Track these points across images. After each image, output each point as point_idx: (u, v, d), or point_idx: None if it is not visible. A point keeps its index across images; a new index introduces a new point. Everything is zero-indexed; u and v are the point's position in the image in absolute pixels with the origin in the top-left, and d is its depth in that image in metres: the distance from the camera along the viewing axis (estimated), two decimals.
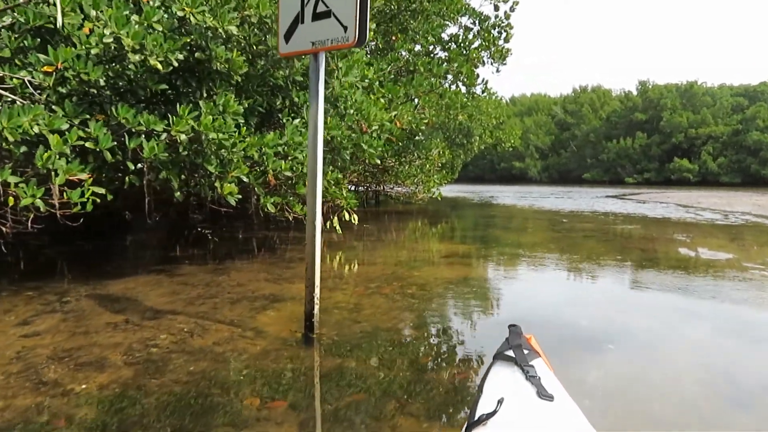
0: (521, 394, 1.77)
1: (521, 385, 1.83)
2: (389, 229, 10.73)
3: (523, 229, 11.03)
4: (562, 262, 6.54)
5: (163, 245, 7.58)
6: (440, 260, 6.48)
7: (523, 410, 1.68)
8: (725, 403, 2.53)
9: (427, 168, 13.34)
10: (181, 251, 6.96)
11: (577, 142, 71.19)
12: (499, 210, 16.95)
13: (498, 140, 20.21)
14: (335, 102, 6.27)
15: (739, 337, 3.54)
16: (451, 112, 9.10)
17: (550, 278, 5.59)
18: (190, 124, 4.49)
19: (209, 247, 7.25)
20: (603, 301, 4.55)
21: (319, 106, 3.22)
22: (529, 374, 1.88)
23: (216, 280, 5.08)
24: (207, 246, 7.37)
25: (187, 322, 3.66)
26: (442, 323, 3.75)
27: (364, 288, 4.85)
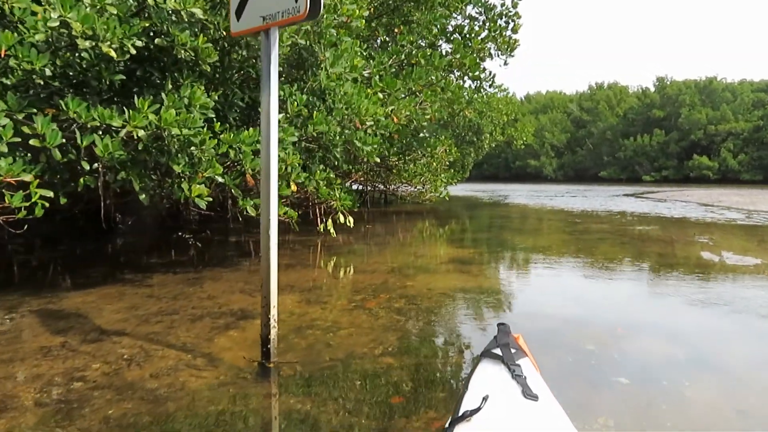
0: (506, 392, 1.77)
1: (507, 383, 1.83)
2: (393, 230, 10.21)
3: (533, 231, 10.44)
4: (572, 271, 5.97)
5: (146, 250, 7.13)
6: (438, 267, 5.94)
7: (508, 409, 1.68)
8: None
9: (433, 167, 12.80)
10: (162, 257, 6.50)
11: (593, 140, 69.96)
12: (510, 210, 16.33)
13: (510, 137, 19.60)
14: (322, 95, 5.76)
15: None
16: (455, 107, 8.56)
17: (557, 291, 5.03)
18: (150, 119, 4.01)
19: (191, 253, 6.77)
20: (616, 320, 3.99)
21: (272, 94, 2.70)
22: (515, 373, 1.88)
23: (185, 292, 4.60)
24: (190, 251, 6.90)
25: (132, 346, 3.17)
26: (426, 350, 3.22)
27: (347, 301, 4.33)
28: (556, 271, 5.93)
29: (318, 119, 5.47)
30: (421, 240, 8.78)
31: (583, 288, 5.05)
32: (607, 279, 5.43)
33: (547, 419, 1.67)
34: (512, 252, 7.39)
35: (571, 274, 5.74)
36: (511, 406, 1.70)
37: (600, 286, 5.11)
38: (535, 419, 1.66)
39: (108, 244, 7.48)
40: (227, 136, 4.71)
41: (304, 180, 6.02)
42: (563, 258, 6.78)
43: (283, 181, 5.51)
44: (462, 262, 6.22)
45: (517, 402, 1.72)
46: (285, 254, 6.79)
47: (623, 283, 5.22)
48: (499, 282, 5.17)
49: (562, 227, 10.96)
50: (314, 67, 5.75)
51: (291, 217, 5.87)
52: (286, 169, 5.40)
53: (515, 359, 2.00)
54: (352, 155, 8.99)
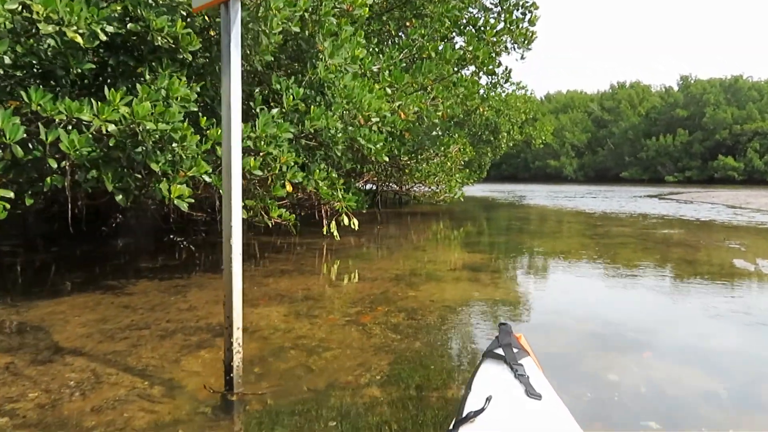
0: (510, 392, 1.76)
1: (510, 383, 1.82)
2: (404, 232, 9.77)
3: (551, 234, 9.92)
4: (591, 281, 5.48)
5: (137, 253, 6.77)
6: (446, 274, 5.48)
7: (511, 408, 1.67)
8: None
9: (447, 166, 12.32)
10: (152, 261, 6.13)
11: (615, 140, 68.70)
12: (528, 211, 15.79)
13: (529, 137, 19.03)
14: (321, 88, 5.34)
15: None
16: (468, 103, 8.09)
17: (576, 304, 4.55)
18: (122, 112, 3.62)
19: (182, 257, 6.39)
20: (642, 342, 3.50)
21: (233, 78, 2.28)
22: (517, 373, 1.87)
23: (165, 302, 4.21)
24: (182, 255, 6.53)
25: (83, 369, 2.77)
26: (418, 379, 2.77)
27: (341, 315, 3.90)
28: (574, 280, 5.45)
29: (315, 114, 5.06)
30: (432, 243, 8.32)
31: (604, 301, 4.56)
32: (631, 290, 4.93)
33: (551, 418, 1.65)
34: (527, 258, 6.91)
35: (591, 284, 5.25)
36: (514, 405, 1.69)
37: (623, 300, 4.62)
38: (539, 418, 1.64)
39: (102, 247, 7.14)
40: (214, 132, 4.32)
41: (303, 180, 5.62)
42: (582, 265, 6.28)
43: (279, 181, 5.11)
44: (473, 269, 5.76)
45: (520, 402, 1.71)
46: (284, 259, 6.39)
47: (648, 295, 4.72)
48: (511, 293, 4.70)
49: (581, 230, 10.43)
50: (314, 58, 5.33)
51: (287, 220, 5.47)
52: (281, 168, 5.00)
53: (518, 359, 1.98)
54: (359, 154, 8.58)
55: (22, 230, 7.93)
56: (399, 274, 5.45)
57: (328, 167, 6.31)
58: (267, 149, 4.68)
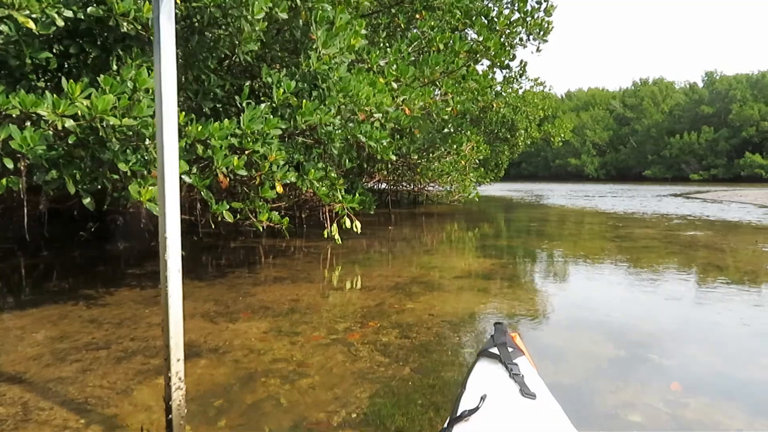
0: (504, 391, 1.75)
1: (504, 382, 1.81)
2: (415, 234, 9.33)
3: (569, 237, 9.40)
4: (612, 290, 5.00)
5: (129, 258, 6.43)
6: (450, 282, 5.03)
7: (506, 407, 1.65)
8: None
9: (461, 165, 11.84)
10: (140, 267, 5.77)
11: (637, 138, 67.40)
12: (546, 212, 15.23)
13: (547, 134, 18.43)
14: (313, 80, 4.94)
15: None
16: (480, 98, 7.63)
17: (594, 319, 4.08)
18: (80, 106, 3.24)
19: None
20: (670, 369, 3.03)
21: (164, 61, 1.87)
22: (512, 372, 1.85)
23: (137, 315, 3.83)
24: None
25: (14, 402, 2.39)
26: (401, 420, 2.34)
27: (327, 331, 3.49)
28: (592, 291, 4.97)
29: (307, 109, 4.65)
30: (441, 246, 7.88)
31: (625, 318, 4.07)
32: (656, 302, 4.44)
33: (545, 417, 1.64)
34: (542, 264, 6.43)
35: (610, 295, 4.76)
36: (509, 404, 1.68)
37: (647, 315, 4.13)
38: (534, 417, 1.63)
39: (94, 251, 6.82)
40: (193, 128, 3.94)
41: (297, 180, 5.22)
42: (601, 272, 5.79)
43: (268, 181, 4.72)
44: (481, 277, 5.31)
45: (515, 400, 1.70)
46: (281, 264, 6.00)
47: (676, 308, 4.23)
48: (520, 306, 4.24)
49: (602, 232, 9.89)
50: (308, 49, 4.93)
51: (279, 224, 5.08)
52: (270, 167, 4.61)
53: (512, 358, 1.97)
54: (365, 152, 8.16)
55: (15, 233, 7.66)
56: (399, 282, 5.01)
57: (326, 166, 5.91)
58: (253, 147, 4.29)
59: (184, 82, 4.55)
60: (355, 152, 8.15)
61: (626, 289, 4.92)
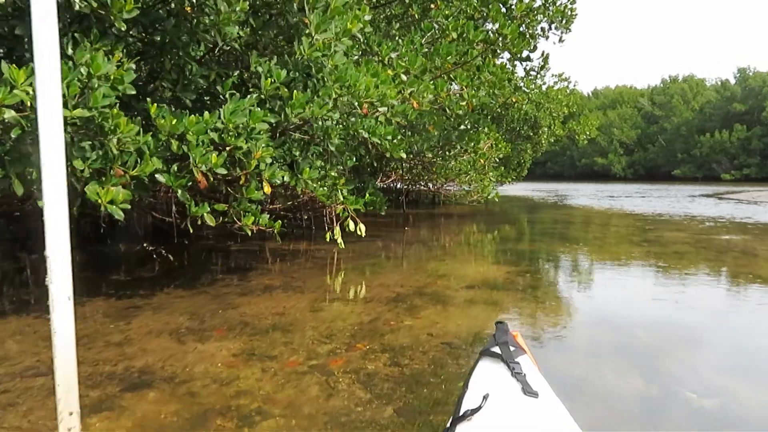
0: (506, 390, 1.72)
1: (506, 381, 1.78)
2: (429, 236, 8.84)
3: (594, 241, 8.80)
4: (641, 307, 4.45)
5: (118, 262, 6.05)
6: (458, 294, 4.53)
7: (508, 406, 1.63)
8: None
9: (480, 164, 11.29)
10: (126, 273, 5.37)
11: (666, 136, 65.69)
12: (570, 213, 14.58)
13: (572, 132, 17.74)
14: (306, 70, 4.47)
15: None
16: (497, 92, 7.10)
17: (618, 343, 3.53)
18: (23, 94, 2.82)
19: (164, 269, 5.61)
20: (712, 413, 2.50)
21: (44, 35, 1.41)
22: (514, 371, 1.81)
23: (99, 332, 3.41)
24: (165, 267, 5.76)
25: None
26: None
27: (306, 356, 3.01)
28: (618, 306, 4.42)
29: (298, 101, 4.18)
30: (454, 251, 7.37)
31: (659, 339, 3.53)
32: (692, 325, 3.88)
33: (548, 416, 1.59)
34: (563, 272, 5.88)
35: (639, 312, 4.21)
36: (511, 403, 1.63)
37: (684, 337, 3.58)
38: (536, 416, 1.59)
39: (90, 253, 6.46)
40: (167, 122, 3.51)
41: (290, 179, 4.77)
42: (628, 282, 5.22)
43: (254, 181, 4.27)
44: (494, 287, 4.79)
45: (517, 399, 1.65)
46: (277, 271, 5.55)
47: (715, 330, 3.67)
48: (533, 325, 3.72)
49: (629, 235, 9.26)
50: (303, 35, 4.47)
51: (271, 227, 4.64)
52: (258, 165, 4.17)
53: (514, 357, 1.92)
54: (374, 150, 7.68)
55: None
56: (402, 293, 4.52)
57: (326, 165, 5.45)
58: (235, 143, 3.84)
59: (162, 70, 4.12)
60: (363, 150, 7.69)
61: (656, 304, 4.36)
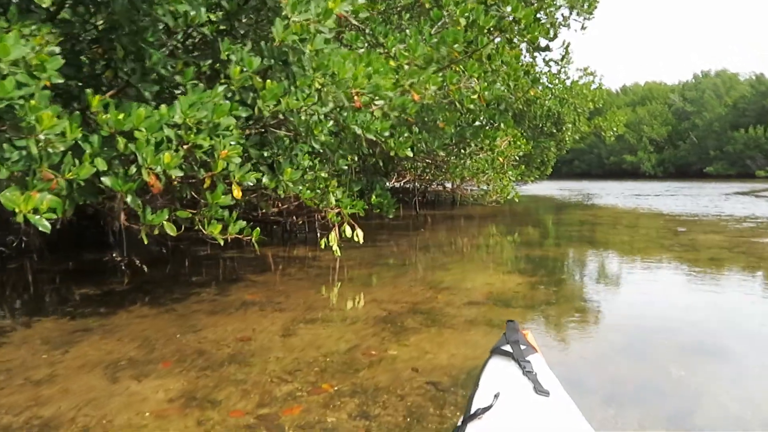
0: (517, 388, 1.71)
1: (518, 380, 1.77)
2: (441, 240, 8.26)
3: (621, 246, 8.09)
4: (672, 336, 3.80)
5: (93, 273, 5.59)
6: (459, 311, 3.93)
7: (519, 405, 1.62)
8: None
9: (498, 162, 10.63)
10: (96, 285, 4.89)
11: (698, 133, 63.76)
12: (596, 213, 13.80)
13: (598, 128, 16.93)
14: (282, 57, 3.92)
15: None
16: (511, 83, 6.48)
17: (643, 381, 2.92)
18: None
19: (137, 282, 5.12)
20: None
21: None
22: (525, 369, 1.81)
23: (27, 364, 2.91)
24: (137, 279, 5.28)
25: None
26: None
27: (258, 400, 2.46)
28: (644, 330, 3.76)
29: (271, 91, 3.64)
30: (464, 256, 6.77)
31: (691, 377, 2.90)
32: (735, 353, 3.24)
33: (559, 414, 1.59)
34: (583, 282, 5.24)
35: (671, 341, 3.57)
36: (522, 402, 1.63)
37: (723, 374, 2.94)
38: (548, 415, 1.58)
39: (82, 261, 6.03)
40: (111, 116, 3.01)
41: (269, 181, 4.25)
42: (658, 297, 4.57)
43: (221, 183, 3.74)
44: (500, 302, 4.19)
45: (528, 398, 1.64)
46: (263, 282, 5.02)
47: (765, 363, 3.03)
48: (547, 357, 3.11)
49: (659, 239, 8.51)
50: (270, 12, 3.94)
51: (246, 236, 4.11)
52: (227, 166, 3.65)
53: (525, 355, 1.92)
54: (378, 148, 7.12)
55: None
56: (394, 310, 3.94)
57: (315, 165, 4.91)
58: (195, 140, 3.32)
59: (115, 59, 3.62)
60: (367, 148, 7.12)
61: (689, 327, 3.71)
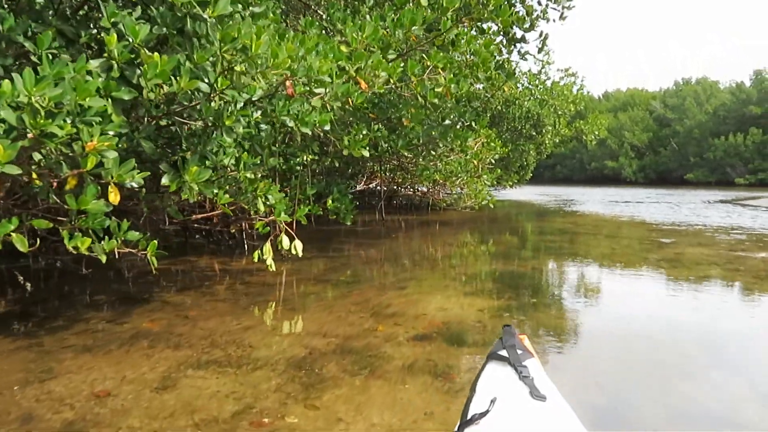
0: (514, 394, 1.71)
1: (514, 385, 1.76)
2: (402, 250, 7.47)
3: (601, 259, 7.34)
4: (664, 383, 3.03)
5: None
6: (398, 352, 3.11)
7: (516, 410, 1.62)
8: None
9: (472, 166, 9.88)
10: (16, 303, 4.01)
11: (679, 140, 63.88)
12: (575, 222, 13.07)
13: (579, 132, 16.28)
14: (177, 23, 3.10)
15: None
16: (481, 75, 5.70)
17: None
18: None
19: (10, 301, 4.23)
20: None
21: None
22: (522, 374, 1.79)
23: None
24: (28, 298, 4.40)
25: None
26: None
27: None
28: (633, 373, 3.00)
29: (152, 67, 2.81)
30: (424, 272, 5.97)
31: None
32: (744, 407, 2.47)
33: (556, 419, 1.58)
34: (556, 313, 4.47)
35: (662, 391, 2.80)
36: (519, 407, 1.62)
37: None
38: (544, 420, 1.57)
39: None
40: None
41: (170, 182, 3.42)
42: (646, 326, 3.81)
43: (92, 183, 2.90)
44: (452, 339, 3.39)
45: (525, 403, 1.63)
46: (174, 305, 4.17)
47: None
48: None
49: (643, 251, 7.79)
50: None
51: (140, 250, 3.29)
52: (101, 163, 2.82)
53: (522, 360, 1.88)
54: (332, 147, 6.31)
55: None
56: (317, 348, 3.12)
57: (241, 163, 4.09)
58: (43, 126, 2.48)
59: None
60: (317, 146, 6.31)
61: (679, 366, 2.95)
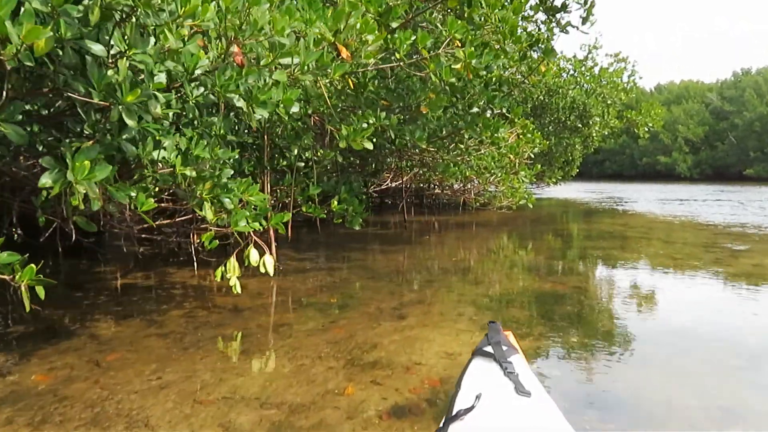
0: (499, 389, 1.73)
1: (499, 380, 1.78)
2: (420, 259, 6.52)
3: (651, 273, 6.19)
4: None
5: None
6: (374, 426, 2.20)
7: (501, 406, 1.64)
8: None
9: (507, 160, 8.81)
10: None
11: (738, 133, 60.41)
12: (625, 223, 11.77)
13: (631, 123, 14.91)
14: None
15: None
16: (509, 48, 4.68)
17: None
18: None
19: None
20: None
21: None
22: (507, 370, 1.81)
23: None
24: None
25: None
26: None
27: None
28: None
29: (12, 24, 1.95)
30: (433, 293, 5.01)
31: None
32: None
33: (540, 415, 1.61)
34: (601, 354, 3.45)
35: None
36: (504, 403, 1.64)
37: None
38: (529, 415, 1.59)
39: None
40: None
41: (54, 182, 2.58)
42: (717, 387, 2.77)
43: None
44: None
45: (510, 399, 1.65)
46: (100, 342, 3.35)
47: None
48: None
49: (708, 264, 6.52)
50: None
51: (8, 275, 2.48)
52: None
53: (507, 356, 1.91)
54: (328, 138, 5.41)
55: None
56: (265, 418, 2.22)
57: (186, 154, 3.22)
58: None
59: None
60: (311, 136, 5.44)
61: None
